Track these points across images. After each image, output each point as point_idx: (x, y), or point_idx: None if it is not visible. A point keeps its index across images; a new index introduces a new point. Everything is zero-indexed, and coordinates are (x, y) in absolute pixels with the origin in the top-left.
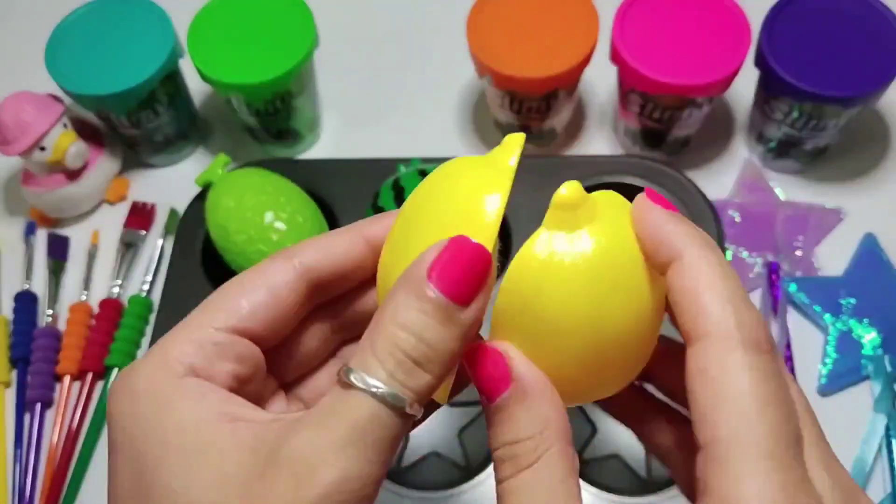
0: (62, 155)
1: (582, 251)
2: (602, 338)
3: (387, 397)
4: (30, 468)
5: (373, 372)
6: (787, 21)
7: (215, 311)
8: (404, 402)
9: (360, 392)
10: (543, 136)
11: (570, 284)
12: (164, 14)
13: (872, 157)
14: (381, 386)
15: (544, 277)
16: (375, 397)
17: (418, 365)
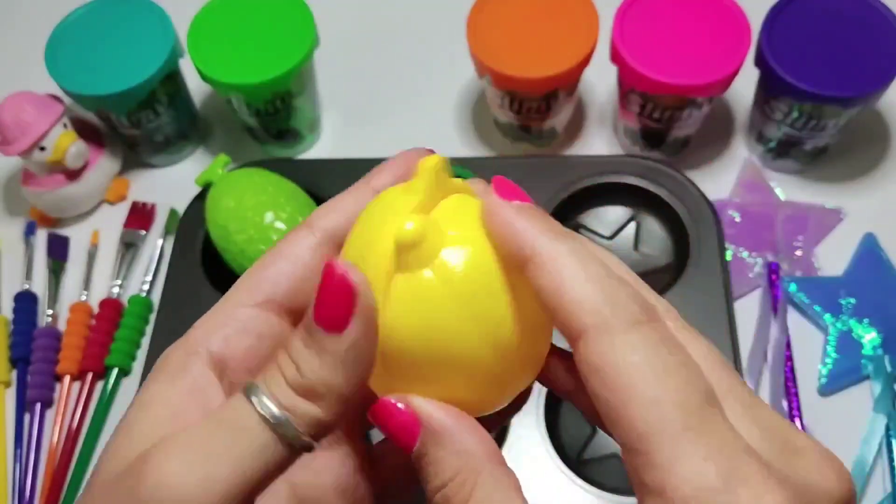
0: (62, 155)
1: (433, 283)
2: (484, 355)
3: (277, 425)
4: (30, 468)
5: (270, 391)
6: (787, 21)
7: (239, 290)
8: (291, 432)
9: (252, 410)
10: (543, 136)
11: (433, 318)
12: (164, 14)
13: (872, 157)
14: (273, 409)
15: (407, 320)
16: (265, 420)
17: (302, 395)
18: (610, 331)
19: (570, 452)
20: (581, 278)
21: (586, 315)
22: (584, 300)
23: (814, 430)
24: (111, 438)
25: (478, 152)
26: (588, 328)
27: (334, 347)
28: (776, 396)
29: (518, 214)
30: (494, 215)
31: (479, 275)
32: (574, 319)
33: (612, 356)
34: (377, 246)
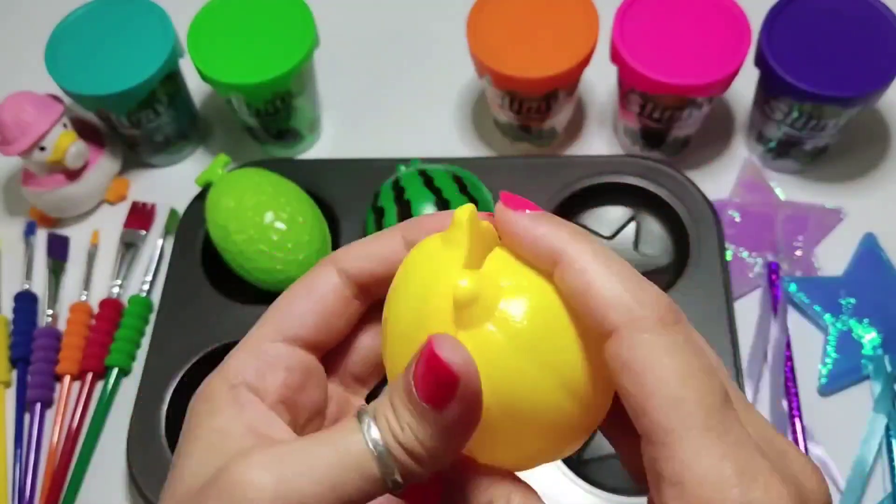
0: (62, 155)
1: (497, 338)
2: (562, 403)
3: (380, 457)
4: (30, 468)
5: (378, 425)
6: (787, 21)
7: (267, 325)
8: (392, 471)
9: (360, 435)
10: (543, 136)
11: (504, 373)
12: (164, 14)
13: (872, 157)
14: (378, 440)
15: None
16: (372, 453)
17: (409, 453)
18: (641, 329)
19: None
20: (609, 277)
21: (617, 313)
22: (615, 298)
23: (814, 430)
24: (177, 465)
25: (478, 152)
26: (620, 326)
27: (435, 420)
28: (776, 396)
29: (534, 221)
30: (511, 227)
31: (543, 319)
32: (605, 317)
33: (642, 354)
34: (432, 304)
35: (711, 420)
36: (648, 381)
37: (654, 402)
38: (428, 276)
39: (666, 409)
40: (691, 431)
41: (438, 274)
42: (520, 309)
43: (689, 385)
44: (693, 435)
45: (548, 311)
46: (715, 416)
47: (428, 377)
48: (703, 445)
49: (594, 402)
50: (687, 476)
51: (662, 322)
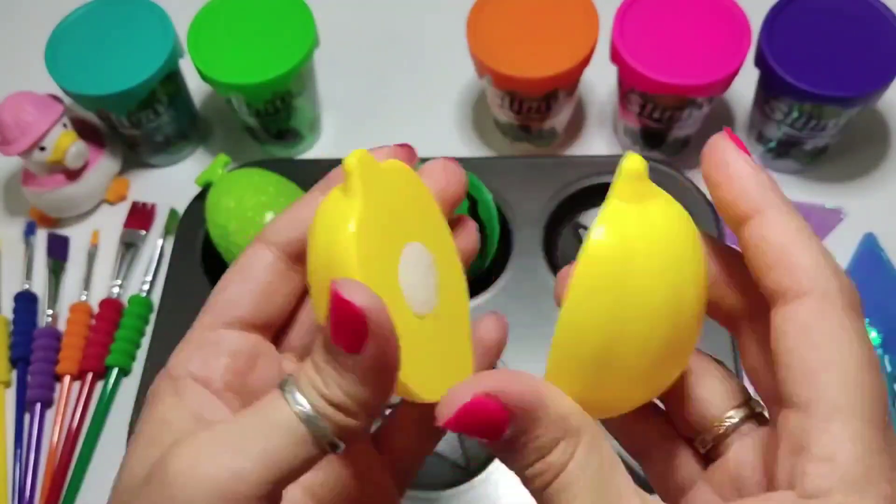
0: (62, 155)
1: (660, 224)
2: (679, 319)
3: (308, 420)
4: (30, 468)
5: (303, 392)
6: (787, 21)
7: (206, 314)
8: (322, 431)
9: (286, 406)
10: (543, 136)
11: (656, 260)
12: (164, 14)
13: (872, 157)
14: (306, 408)
15: (630, 254)
16: (299, 418)
17: (329, 405)
18: (833, 303)
19: None
20: (810, 246)
21: (812, 280)
22: (814, 266)
23: None
24: (123, 461)
25: (478, 152)
26: (812, 291)
27: (354, 365)
28: None
29: (755, 170)
30: (731, 159)
31: (685, 227)
32: (797, 278)
33: (829, 325)
34: (335, 255)
35: (876, 415)
36: (830, 353)
37: (828, 376)
38: (329, 228)
39: (839, 386)
40: (856, 416)
41: (336, 223)
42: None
43: (865, 374)
44: (857, 420)
45: (685, 225)
46: (879, 413)
47: (338, 322)
48: (863, 432)
49: (683, 345)
50: (841, 455)
51: (855, 307)
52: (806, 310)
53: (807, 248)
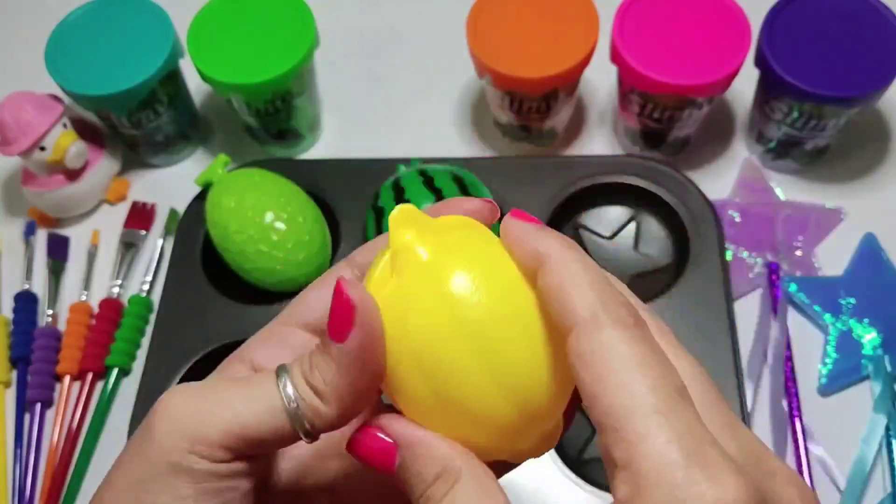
0: (62, 155)
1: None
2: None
3: (288, 401)
4: (30, 468)
5: (293, 379)
6: (787, 21)
7: (283, 313)
8: (300, 415)
9: (275, 384)
10: (543, 136)
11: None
12: (164, 14)
13: (872, 157)
14: (290, 391)
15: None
16: (282, 396)
17: (311, 390)
18: (599, 325)
19: (570, 452)
20: (582, 280)
21: (580, 309)
22: (581, 297)
23: (814, 430)
24: None
25: (478, 152)
26: (580, 321)
27: (337, 354)
28: (776, 396)
29: (535, 228)
30: (512, 227)
31: (500, 307)
32: (569, 313)
33: (596, 345)
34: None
35: (661, 405)
36: (599, 370)
37: (603, 388)
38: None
39: (615, 393)
40: (638, 414)
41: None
42: (470, 285)
43: (638, 372)
44: (640, 418)
45: (510, 304)
46: (664, 402)
47: (333, 312)
48: (650, 427)
49: (538, 408)
50: (634, 457)
51: (622, 321)
52: (576, 338)
53: (575, 283)
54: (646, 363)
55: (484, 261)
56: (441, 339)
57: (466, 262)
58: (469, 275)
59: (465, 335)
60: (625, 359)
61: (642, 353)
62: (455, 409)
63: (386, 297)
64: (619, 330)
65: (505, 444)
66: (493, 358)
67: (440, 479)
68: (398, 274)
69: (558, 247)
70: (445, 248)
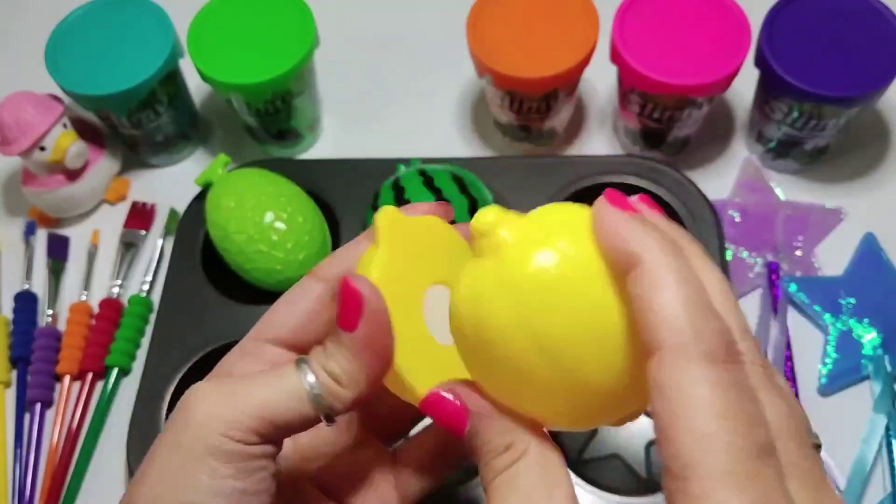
0: (62, 155)
1: (511, 274)
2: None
3: (311, 388)
4: (30, 468)
5: (312, 368)
6: (787, 21)
7: (255, 330)
8: (320, 400)
9: (296, 373)
10: (543, 136)
11: (508, 313)
12: (164, 14)
13: (872, 157)
14: (310, 378)
15: (478, 312)
16: (304, 384)
17: (330, 377)
18: (686, 355)
19: (570, 452)
20: (676, 296)
21: (668, 333)
22: (671, 318)
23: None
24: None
25: (478, 152)
26: (665, 345)
27: (349, 342)
28: None
29: (628, 221)
30: (605, 217)
31: (578, 272)
32: (655, 333)
33: (679, 380)
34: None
35: (738, 466)
36: (678, 410)
37: (679, 433)
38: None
39: (690, 441)
40: (711, 471)
41: (364, 272)
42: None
43: (720, 424)
44: (711, 476)
45: (587, 311)
46: (742, 464)
47: (342, 304)
48: (718, 490)
49: (603, 411)
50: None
51: (712, 356)
52: (658, 366)
53: (667, 300)
54: (728, 413)
55: (573, 255)
56: (512, 339)
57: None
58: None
59: (539, 346)
60: (705, 404)
61: (727, 400)
62: (525, 403)
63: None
64: (706, 368)
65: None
66: (562, 362)
67: (508, 451)
68: (483, 255)
69: (655, 249)
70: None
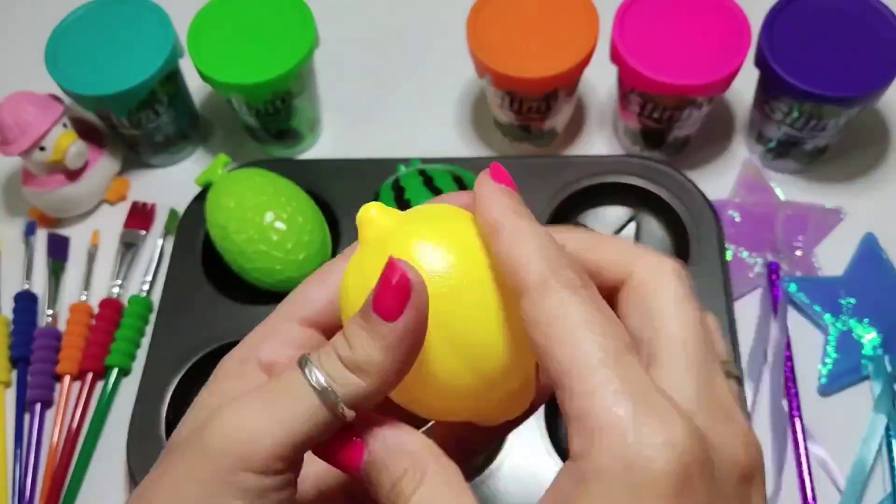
0: (62, 155)
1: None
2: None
3: (322, 392)
4: (30, 468)
5: (321, 364)
6: (787, 21)
7: (283, 308)
8: (336, 400)
9: (302, 378)
10: (543, 136)
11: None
12: (164, 14)
13: (872, 157)
14: (320, 378)
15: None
16: (314, 389)
17: (350, 369)
18: (548, 287)
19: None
20: (533, 246)
21: (530, 274)
22: (531, 263)
23: (814, 430)
24: (181, 421)
25: (478, 152)
26: (530, 284)
27: (387, 333)
28: (776, 396)
29: (495, 192)
30: (480, 192)
31: (458, 284)
32: (521, 279)
33: (546, 308)
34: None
35: (608, 359)
36: (550, 330)
37: (554, 347)
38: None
39: (565, 351)
40: (587, 368)
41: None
42: (435, 259)
43: (585, 331)
44: (589, 371)
45: (467, 272)
46: (612, 356)
47: (385, 288)
48: (598, 380)
49: (493, 371)
50: (585, 409)
51: (570, 285)
52: (528, 303)
53: (525, 250)
54: (594, 321)
55: (447, 231)
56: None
57: (426, 230)
58: (427, 242)
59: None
60: (573, 319)
61: (590, 313)
62: (413, 371)
63: (350, 267)
64: (567, 292)
65: (467, 405)
66: (448, 324)
67: (408, 474)
68: (361, 244)
69: (510, 214)
70: (408, 219)
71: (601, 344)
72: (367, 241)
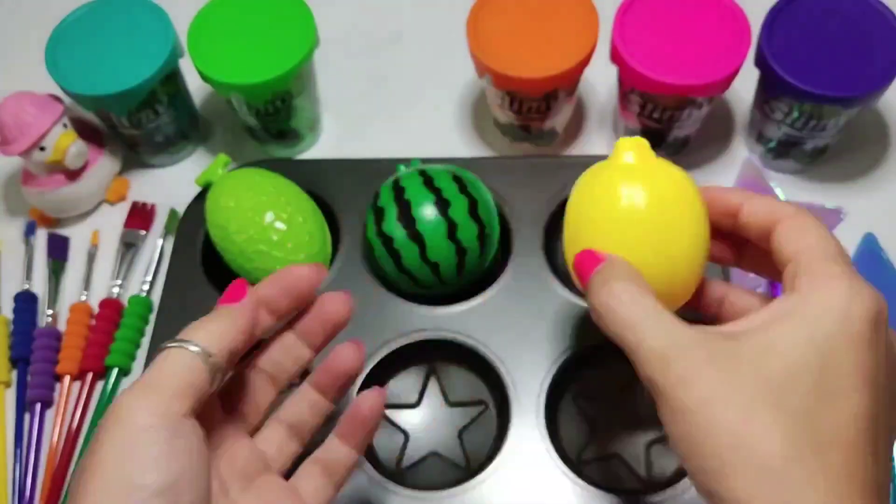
0: (62, 155)
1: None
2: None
3: (194, 350)
4: (30, 468)
5: (191, 338)
6: (787, 21)
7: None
8: (206, 356)
9: (181, 348)
10: (543, 136)
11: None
12: (164, 14)
13: (872, 157)
14: (192, 344)
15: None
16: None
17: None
18: (800, 212)
19: (569, 452)
20: (773, 202)
21: (788, 207)
22: (787, 206)
23: None
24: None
25: (478, 152)
26: (786, 216)
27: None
28: None
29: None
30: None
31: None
32: (779, 215)
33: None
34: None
35: (831, 250)
36: (802, 235)
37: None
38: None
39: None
40: (821, 250)
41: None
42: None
43: (830, 239)
44: (822, 252)
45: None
46: (833, 248)
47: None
48: (829, 254)
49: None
50: (818, 267)
51: (803, 213)
52: (783, 227)
53: (770, 204)
54: (824, 233)
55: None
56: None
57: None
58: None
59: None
60: (809, 222)
61: (817, 225)
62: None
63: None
64: (804, 215)
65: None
66: (659, 238)
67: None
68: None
69: (791, 209)
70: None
71: (826, 241)
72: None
